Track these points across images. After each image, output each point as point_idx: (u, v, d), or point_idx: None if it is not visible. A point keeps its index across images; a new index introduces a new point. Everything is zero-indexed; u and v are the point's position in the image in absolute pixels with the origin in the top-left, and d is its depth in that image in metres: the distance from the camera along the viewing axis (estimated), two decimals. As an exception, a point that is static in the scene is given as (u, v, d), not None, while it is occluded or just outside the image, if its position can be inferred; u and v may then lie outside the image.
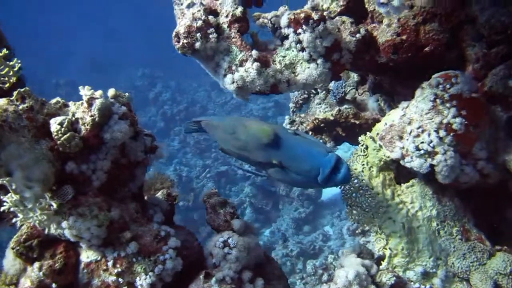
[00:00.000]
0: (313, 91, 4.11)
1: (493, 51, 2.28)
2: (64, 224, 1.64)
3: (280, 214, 8.27)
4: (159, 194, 2.28)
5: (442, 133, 2.03)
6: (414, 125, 2.11)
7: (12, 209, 1.50)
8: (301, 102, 4.30)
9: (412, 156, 2.11)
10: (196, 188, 9.28)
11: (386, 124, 2.27)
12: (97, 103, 1.68)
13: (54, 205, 1.57)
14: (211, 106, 14.13)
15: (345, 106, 3.59)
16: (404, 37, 2.35)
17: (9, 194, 1.48)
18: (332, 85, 3.77)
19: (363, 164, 2.38)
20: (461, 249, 2.23)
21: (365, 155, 2.38)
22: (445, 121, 2.03)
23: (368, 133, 2.40)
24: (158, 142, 2.09)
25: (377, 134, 2.30)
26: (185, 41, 2.03)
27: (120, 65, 19.12)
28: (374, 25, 2.51)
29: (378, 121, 3.39)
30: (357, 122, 3.50)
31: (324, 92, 3.97)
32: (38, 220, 1.55)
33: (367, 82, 3.04)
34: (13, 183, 1.46)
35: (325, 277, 5.94)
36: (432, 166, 2.09)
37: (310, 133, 3.71)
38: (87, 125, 1.68)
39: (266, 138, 2.00)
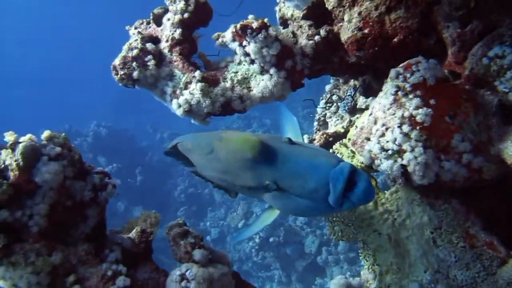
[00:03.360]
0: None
1: (468, 29, 2.02)
2: (-4, 275, 1.61)
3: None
4: (132, 232, 2.22)
5: (406, 128, 1.78)
6: (379, 124, 1.89)
7: None
8: (323, 118, 4.10)
9: (381, 158, 1.88)
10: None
11: (357, 127, 2.07)
12: (19, 147, 1.67)
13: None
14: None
15: (357, 115, 3.36)
16: (366, 30, 2.15)
17: None
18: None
19: (340, 175, 2.16)
20: (464, 258, 1.93)
21: (342, 164, 2.17)
22: (406, 114, 1.79)
23: (343, 140, 2.20)
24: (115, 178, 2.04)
25: (349, 139, 2.09)
26: (121, 72, 1.99)
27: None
28: (340, 24, 2.33)
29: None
30: (370, 131, 3.26)
31: (335, 104, 3.76)
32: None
33: (359, 86, 2.83)
34: None
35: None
36: (404, 166, 1.84)
37: (320, 149, 3.50)
38: (14, 170, 1.67)
39: (251, 152, 1.51)
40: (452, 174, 1.85)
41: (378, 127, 1.88)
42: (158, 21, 2.14)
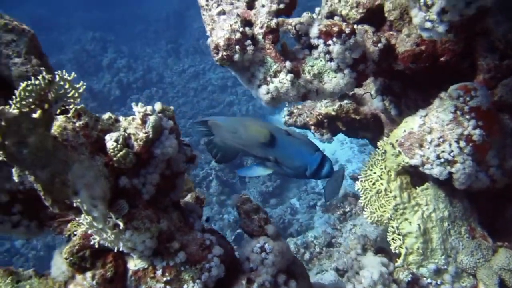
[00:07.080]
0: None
1: (505, 63, 2.43)
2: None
3: (246, 187, 8.41)
4: (187, 198, 2.35)
5: (462, 143, 2.18)
6: (435, 135, 2.25)
7: (89, 231, 1.55)
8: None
9: (433, 164, 2.25)
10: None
11: (405, 131, 2.40)
12: (151, 120, 1.72)
13: (121, 224, 1.62)
14: (167, 74, 13.98)
15: (346, 101, 3.71)
16: (423, 47, 2.46)
17: (82, 216, 1.52)
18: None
19: (382, 168, 2.52)
20: (469, 246, 2.42)
21: (383, 159, 2.52)
22: (465, 132, 2.18)
23: (385, 138, 2.53)
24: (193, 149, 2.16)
25: (396, 140, 2.42)
26: (224, 53, 2.07)
27: (64, 24, 17.89)
28: (391, 33, 2.61)
29: (376, 116, 3.56)
30: (357, 117, 3.65)
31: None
32: (109, 240, 1.61)
33: (376, 84, 3.15)
34: (84, 204, 1.50)
35: (307, 256, 6.10)
36: (450, 173, 2.25)
37: (312, 127, 3.83)
38: (140, 141, 1.73)
39: (263, 139, 2.31)
40: (481, 183, 2.30)
41: (434, 137, 2.24)
42: (250, 4, 2.22)
